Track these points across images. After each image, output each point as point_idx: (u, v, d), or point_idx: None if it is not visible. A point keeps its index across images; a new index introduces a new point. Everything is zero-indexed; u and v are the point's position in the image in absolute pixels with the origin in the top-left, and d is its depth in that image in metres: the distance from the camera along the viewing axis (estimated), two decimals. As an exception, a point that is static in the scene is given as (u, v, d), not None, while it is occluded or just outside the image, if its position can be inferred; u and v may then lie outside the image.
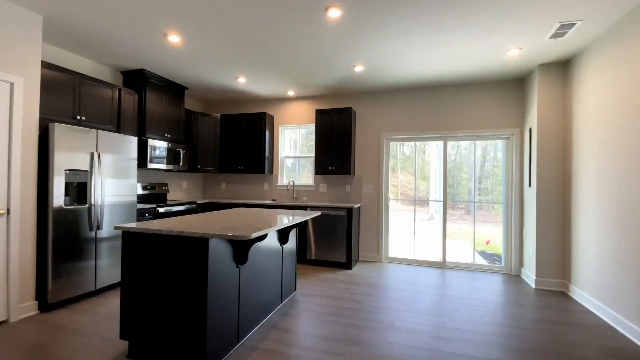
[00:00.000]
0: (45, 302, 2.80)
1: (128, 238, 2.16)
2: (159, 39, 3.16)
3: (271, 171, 5.26)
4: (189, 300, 1.99)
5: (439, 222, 4.62)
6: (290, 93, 4.97)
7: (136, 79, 4.13)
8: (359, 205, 4.65)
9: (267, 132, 5.08)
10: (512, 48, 3.26)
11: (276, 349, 2.25)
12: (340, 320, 2.73)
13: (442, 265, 4.52)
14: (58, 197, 2.86)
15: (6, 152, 2.58)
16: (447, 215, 4.54)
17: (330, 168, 4.65)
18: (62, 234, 2.91)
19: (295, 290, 3.37)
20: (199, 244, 1.98)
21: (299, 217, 2.86)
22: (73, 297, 3.01)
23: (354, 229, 4.45)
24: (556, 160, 3.60)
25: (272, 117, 5.27)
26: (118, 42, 3.28)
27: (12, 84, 2.59)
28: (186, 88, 4.78)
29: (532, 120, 3.83)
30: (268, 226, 2.23)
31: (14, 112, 2.60)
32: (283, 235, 3.01)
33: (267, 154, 5.07)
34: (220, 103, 5.78)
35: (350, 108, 4.59)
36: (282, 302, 3.04)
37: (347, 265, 4.31)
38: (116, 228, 2.12)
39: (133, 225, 2.15)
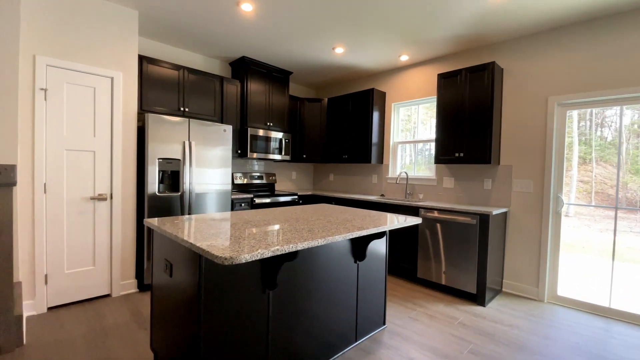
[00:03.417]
0: (142, 282, 2.99)
1: (154, 236, 1.85)
2: (232, 8, 2.82)
3: (380, 160, 4.31)
4: (188, 325, 1.46)
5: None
6: (404, 58, 3.84)
7: (239, 68, 4.08)
8: (504, 210, 3.11)
9: (375, 113, 4.16)
10: None
11: None
12: (436, 404, 1.63)
13: (680, 333, 2.43)
14: (152, 184, 2.99)
15: (109, 142, 2.81)
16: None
17: (457, 155, 3.30)
18: (156, 220, 3.04)
19: (383, 325, 2.41)
20: (194, 254, 1.41)
21: (383, 225, 1.91)
22: (167, 281, 3.13)
23: (493, 245, 2.98)
24: None
25: (382, 94, 4.28)
26: (201, 26, 3.16)
27: (112, 79, 2.80)
28: (290, 73, 4.47)
29: None
30: (311, 238, 1.44)
31: (114, 105, 2.81)
32: (358, 249, 2.12)
33: (374, 139, 4.16)
34: (328, 86, 5.24)
35: (492, 64, 3.07)
36: (356, 342, 2.17)
37: (476, 298, 2.92)
38: (147, 223, 1.83)
39: (154, 221, 1.81)
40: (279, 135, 4.32)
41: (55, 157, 2.54)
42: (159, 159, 3.01)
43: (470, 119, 3.20)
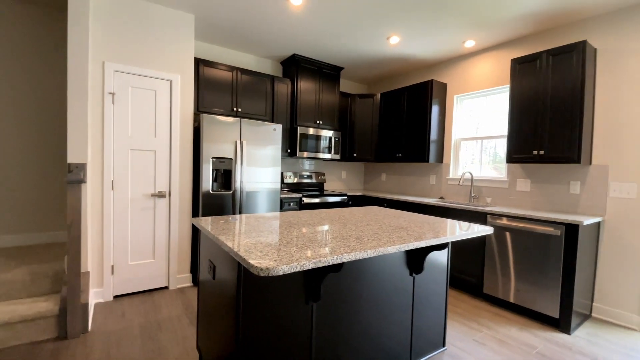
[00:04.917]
0: (196, 276, 3.09)
1: (201, 236, 1.84)
2: (281, 4, 2.75)
3: (440, 159, 3.92)
4: (227, 330, 1.39)
5: None
6: (469, 44, 3.42)
7: (290, 66, 4.04)
8: (597, 220, 2.57)
9: (434, 107, 3.79)
10: None
11: None
12: None
13: None
14: (206, 182, 3.07)
15: (168, 142, 2.95)
16: None
17: (535, 152, 2.82)
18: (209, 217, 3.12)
19: (442, 347, 2.13)
20: (234, 259, 1.33)
21: (444, 236, 1.65)
22: (218, 277, 3.20)
23: (582, 261, 2.47)
24: None
25: (442, 86, 3.89)
26: (252, 25, 3.15)
27: (171, 82, 2.93)
28: (341, 68, 4.30)
29: None
30: (359, 249, 1.28)
31: (173, 106, 2.94)
32: (415, 260, 1.88)
33: (433, 136, 3.79)
34: (381, 81, 4.95)
35: (583, 43, 2.55)
36: (410, 363, 1.94)
37: (559, 323, 2.45)
38: (194, 222, 1.83)
39: (200, 220, 1.79)
40: (329, 133, 4.20)
41: (121, 156, 2.72)
42: (212, 158, 3.08)
43: (553, 110, 2.71)
